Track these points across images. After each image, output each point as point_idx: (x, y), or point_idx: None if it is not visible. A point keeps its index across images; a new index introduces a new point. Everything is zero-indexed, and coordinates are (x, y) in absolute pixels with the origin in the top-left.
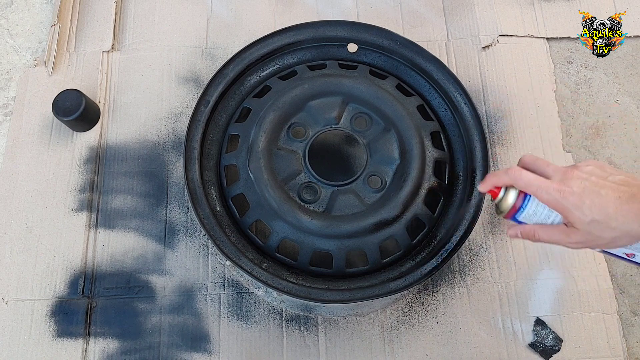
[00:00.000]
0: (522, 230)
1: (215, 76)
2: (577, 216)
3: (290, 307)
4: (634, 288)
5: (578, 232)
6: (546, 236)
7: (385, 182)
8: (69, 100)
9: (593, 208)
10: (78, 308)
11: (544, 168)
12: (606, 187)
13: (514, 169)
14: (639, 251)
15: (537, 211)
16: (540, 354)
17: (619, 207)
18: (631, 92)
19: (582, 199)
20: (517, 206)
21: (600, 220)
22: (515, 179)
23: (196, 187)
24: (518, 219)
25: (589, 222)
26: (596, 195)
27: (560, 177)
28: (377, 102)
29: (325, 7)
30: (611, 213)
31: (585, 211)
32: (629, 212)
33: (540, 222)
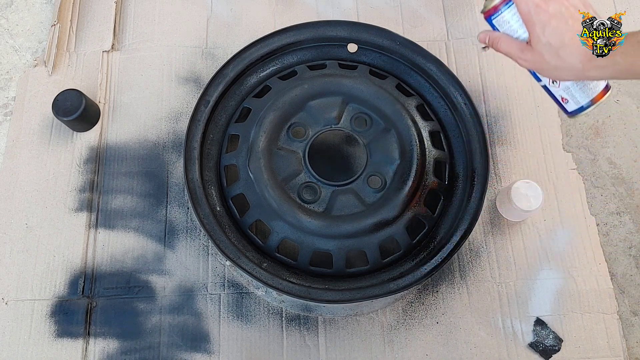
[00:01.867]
0: (490, 35)
1: (215, 76)
2: (537, 34)
3: (290, 307)
4: (634, 288)
5: (532, 50)
6: (505, 46)
7: (385, 182)
8: (69, 100)
9: (554, 31)
10: (78, 308)
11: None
12: (576, 18)
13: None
14: (572, 99)
15: (510, 20)
16: (540, 354)
17: (575, 38)
18: (631, 92)
19: (549, 19)
20: (497, 6)
21: (554, 45)
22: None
23: (196, 187)
24: (492, 22)
25: (544, 43)
26: (563, 22)
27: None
28: (377, 102)
29: (325, 7)
30: (566, 41)
31: (546, 31)
32: (579, 47)
33: (509, 32)
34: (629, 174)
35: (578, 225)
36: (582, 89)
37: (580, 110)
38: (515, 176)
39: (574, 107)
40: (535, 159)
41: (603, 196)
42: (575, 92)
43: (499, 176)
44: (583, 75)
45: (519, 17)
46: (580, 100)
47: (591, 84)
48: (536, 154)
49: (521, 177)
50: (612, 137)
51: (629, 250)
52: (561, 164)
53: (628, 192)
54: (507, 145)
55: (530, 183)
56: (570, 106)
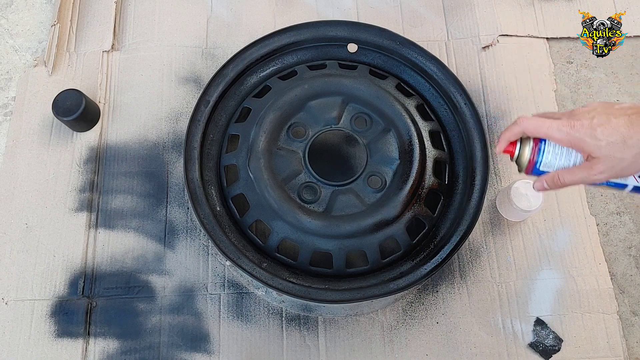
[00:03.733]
0: (546, 179)
1: (215, 76)
2: (593, 144)
3: (290, 307)
4: (634, 288)
5: (599, 160)
6: (570, 177)
7: (385, 182)
8: (69, 100)
9: (605, 132)
10: (78, 308)
11: (551, 114)
12: (614, 113)
13: (523, 117)
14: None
15: (556, 155)
16: (540, 354)
17: (631, 125)
18: (631, 92)
19: (592, 126)
20: (534, 157)
21: (616, 141)
22: (524, 125)
23: (196, 187)
24: (540, 170)
25: (606, 145)
26: (606, 121)
27: (568, 115)
28: (377, 102)
29: (325, 7)
30: (625, 132)
31: (599, 136)
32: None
33: (562, 166)
34: None
35: (578, 225)
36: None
37: None
38: (515, 176)
39: None
40: None
41: (603, 196)
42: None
43: (499, 176)
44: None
45: (561, 148)
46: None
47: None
48: None
49: (521, 177)
50: None
51: (629, 250)
52: None
53: None
54: None
55: (530, 183)
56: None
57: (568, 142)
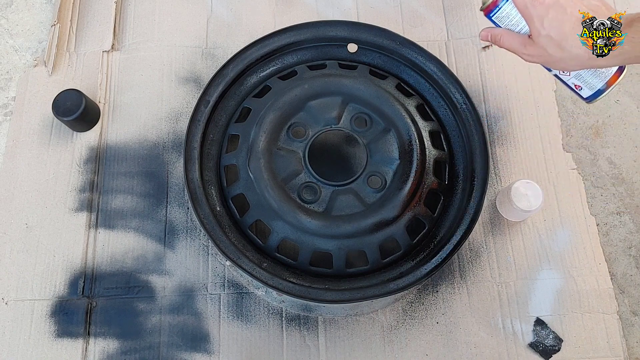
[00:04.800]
0: (492, 32)
1: (215, 76)
2: (536, 27)
3: (290, 307)
4: (634, 288)
5: (534, 44)
6: (507, 42)
7: (385, 182)
8: (69, 100)
9: (553, 23)
10: (78, 308)
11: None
12: (575, 6)
13: None
14: (586, 85)
15: (510, 14)
16: (540, 354)
17: (576, 28)
18: (631, 92)
19: (547, 11)
20: (496, 1)
21: (555, 37)
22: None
23: (196, 187)
24: (492, 18)
25: (545, 36)
26: (561, 12)
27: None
28: (377, 102)
29: (325, 7)
30: (566, 32)
31: (545, 24)
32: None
33: (510, 27)
34: (629, 174)
35: (578, 225)
36: (595, 74)
37: (597, 95)
38: (515, 176)
39: (590, 93)
40: (535, 159)
41: (603, 196)
42: (588, 78)
43: (499, 176)
44: (589, 65)
45: (517, 13)
46: (595, 85)
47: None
48: (536, 154)
49: (521, 177)
50: (612, 137)
51: (629, 250)
52: (561, 164)
53: (628, 192)
54: (507, 145)
55: (530, 183)
56: (585, 92)
57: (523, 12)
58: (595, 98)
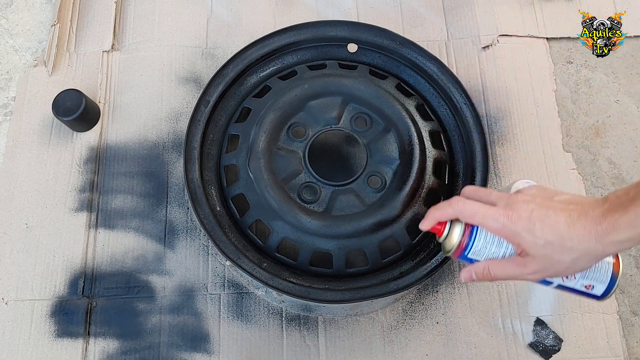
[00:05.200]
0: (475, 269)
1: (215, 76)
2: (529, 240)
3: (290, 307)
4: (634, 288)
5: (534, 259)
6: (501, 271)
7: (385, 182)
8: (69, 100)
9: (545, 229)
10: (78, 308)
11: (487, 196)
12: (554, 207)
13: (457, 199)
14: (597, 281)
15: (487, 244)
16: (540, 354)
17: (572, 225)
18: (631, 92)
19: (531, 221)
20: (464, 242)
21: (555, 241)
22: (459, 209)
23: (196, 187)
24: (468, 257)
25: (544, 244)
26: (545, 216)
27: (505, 202)
28: (377, 102)
29: (325, 7)
30: (564, 233)
31: (537, 233)
32: (582, 229)
33: (492, 256)
34: (629, 174)
35: None
36: (598, 268)
37: (612, 285)
38: (515, 176)
39: (603, 289)
40: (535, 159)
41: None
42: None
43: (499, 176)
44: (604, 255)
45: (493, 237)
46: (605, 277)
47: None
48: (536, 154)
49: (521, 177)
50: (612, 137)
51: (629, 250)
52: (561, 164)
53: None
54: (507, 145)
55: (530, 183)
56: (599, 290)
57: (503, 234)
58: (611, 290)
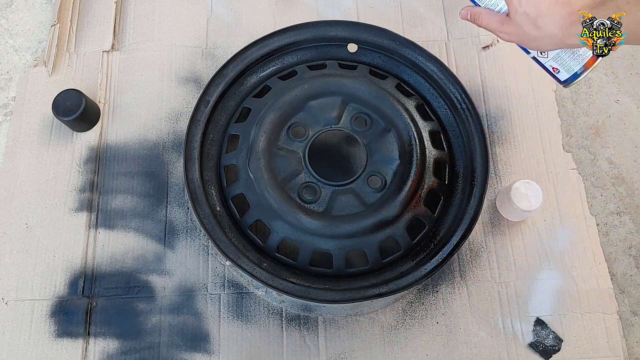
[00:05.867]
0: (471, 10)
1: (215, 76)
2: (514, 4)
3: (290, 307)
4: (634, 288)
5: (511, 22)
6: (486, 20)
7: (385, 182)
8: (69, 100)
9: (529, 2)
10: (78, 308)
11: None
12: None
13: None
14: (563, 67)
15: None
16: (540, 354)
17: (552, 6)
18: (631, 92)
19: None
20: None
21: (531, 15)
22: None
23: (196, 187)
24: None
25: (522, 13)
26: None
27: None
28: (377, 102)
29: (325, 7)
30: (542, 10)
31: (522, 2)
32: (556, 14)
33: (489, 6)
34: (629, 174)
35: (578, 225)
36: (572, 56)
37: (574, 78)
38: (515, 176)
39: (567, 76)
40: (535, 159)
41: (603, 196)
42: (565, 60)
43: (499, 176)
44: (564, 44)
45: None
46: (572, 67)
47: (580, 50)
48: (536, 154)
49: (521, 177)
50: (612, 137)
51: (629, 250)
52: (561, 164)
53: (628, 192)
54: (507, 145)
55: (530, 183)
56: (563, 75)
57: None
58: (573, 81)
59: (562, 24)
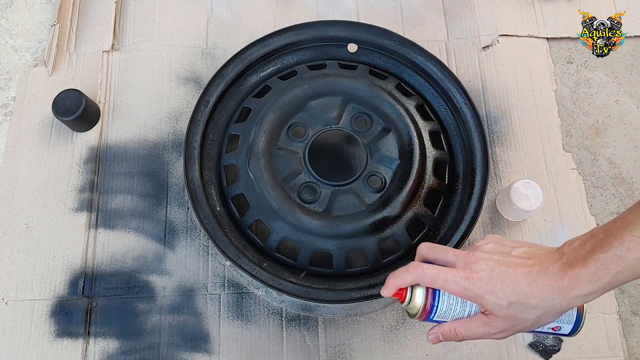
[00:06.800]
0: (442, 332)
1: (215, 76)
2: (492, 302)
3: (290, 307)
4: (634, 288)
5: (499, 318)
6: (467, 331)
7: (385, 182)
8: (69, 100)
9: (506, 289)
10: (78, 308)
11: (444, 256)
12: (513, 264)
13: (414, 265)
14: (563, 322)
15: (452, 305)
16: (540, 354)
17: (533, 283)
18: (631, 92)
19: (492, 281)
20: (428, 306)
21: (518, 301)
22: (418, 276)
23: (196, 187)
24: (434, 319)
25: (507, 305)
26: (505, 275)
27: (463, 262)
28: (377, 102)
29: (325, 7)
30: (527, 291)
31: (499, 294)
32: (544, 287)
33: (458, 316)
34: (629, 174)
35: (578, 225)
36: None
37: (578, 324)
38: (515, 176)
39: (570, 329)
40: (535, 159)
41: (603, 196)
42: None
43: (499, 176)
44: (569, 308)
45: (456, 298)
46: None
47: None
48: (536, 154)
49: (521, 177)
50: (612, 137)
51: None
52: (561, 164)
53: (628, 192)
54: (507, 145)
55: (530, 183)
56: (566, 329)
57: (466, 297)
58: (578, 328)
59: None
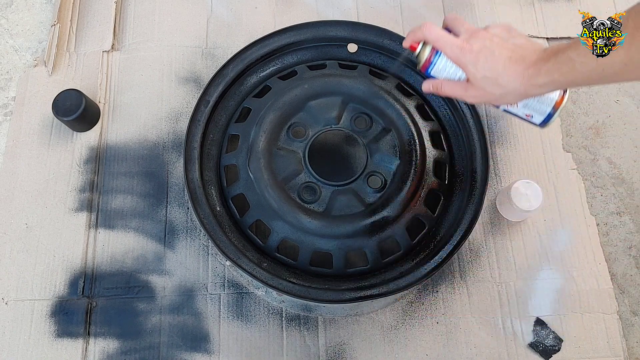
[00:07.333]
0: (432, 83)
1: (215, 76)
2: (471, 72)
3: (290, 307)
4: (634, 288)
5: (473, 86)
6: (449, 89)
7: (385, 182)
8: (69, 100)
9: (485, 65)
10: (78, 308)
11: (458, 27)
12: (503, 47)
13: (427, 25)
14: (535, 112)
15: (446, 67)
16: (540, 354)
17: (508, 66)
18: (631, 92)
19: (477, 56)
20: (429, 59)
21: (490, 76)
22: (426, 34)
23: (196, 187)
24: (430, 73)
25: (481, 77)
26: (490, 54)
27: (467, 35)
28: (377, 102)
29: (325, 7)
30: (500, 71)
31: (478, 67)
32: (514, 71)
33: (448, 77)
34: (629, 174)
35: (578, 225)
36: (540, 101)
37: (548, 119)
38: (515, 176)
39: (541, 119)
40: (535, 159)
41: (603, 196)
42: (535, 105)
43: (499, 176)
44: (527, 95)
45: (451, 62)
46: (544, 110)
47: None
48: (536, 154)
49: (521, 177)
50: (612, 137)
51: (629, 250)
52: (561, 164)
53: (628, 192)
54: (507, 145)
55: (530, 183)
56: (537, 119)
57: (456, 62)
58: (548, 122)
59: (521, 79)
